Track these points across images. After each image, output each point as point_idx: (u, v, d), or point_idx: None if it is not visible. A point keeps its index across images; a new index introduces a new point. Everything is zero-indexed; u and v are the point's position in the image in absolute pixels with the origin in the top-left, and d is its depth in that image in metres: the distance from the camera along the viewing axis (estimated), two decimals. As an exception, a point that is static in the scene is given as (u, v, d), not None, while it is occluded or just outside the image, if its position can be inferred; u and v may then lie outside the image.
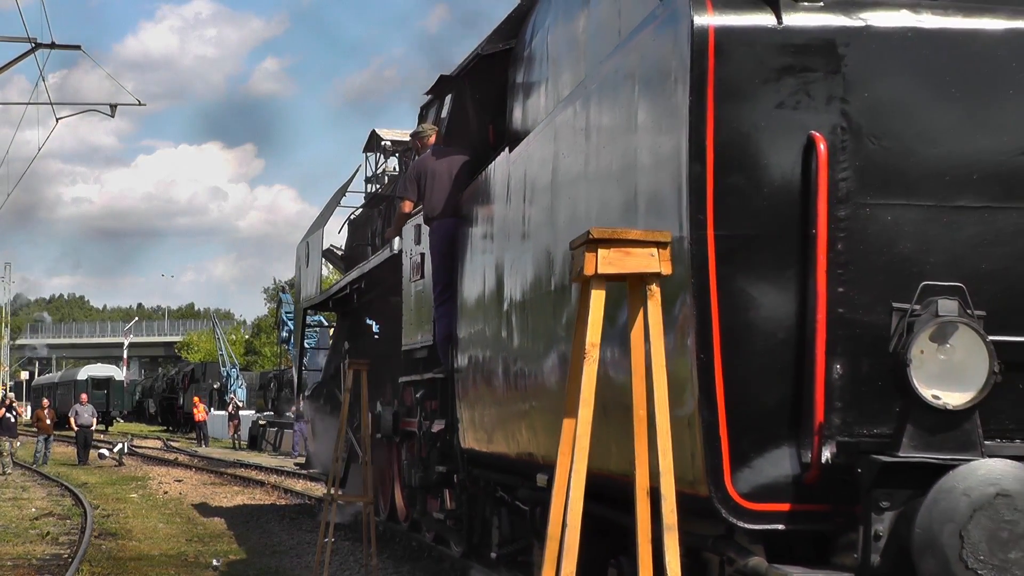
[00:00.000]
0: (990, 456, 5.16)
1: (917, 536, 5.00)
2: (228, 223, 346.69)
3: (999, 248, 5.60)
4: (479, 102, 11.18)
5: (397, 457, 15.26)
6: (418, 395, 12.78)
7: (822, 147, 5.51)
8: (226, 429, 58.26)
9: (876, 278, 5.54)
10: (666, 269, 5.37)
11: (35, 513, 22.49)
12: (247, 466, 36.70)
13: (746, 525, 5.52)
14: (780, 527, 5.53)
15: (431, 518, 13.25)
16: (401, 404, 14.35)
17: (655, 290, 5.41)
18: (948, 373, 5.20)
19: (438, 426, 11.55)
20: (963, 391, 5.20)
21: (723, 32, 5.54)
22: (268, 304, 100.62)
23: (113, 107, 35.75)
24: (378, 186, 20.32)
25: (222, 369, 72.63)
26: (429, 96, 13.29)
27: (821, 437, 5.47)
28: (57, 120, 35.08)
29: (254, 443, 51.40)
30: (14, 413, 37.43)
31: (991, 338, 5.27)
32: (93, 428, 40.68)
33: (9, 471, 34.26)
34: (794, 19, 5.60)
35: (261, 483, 29.68)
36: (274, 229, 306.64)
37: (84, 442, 39.64)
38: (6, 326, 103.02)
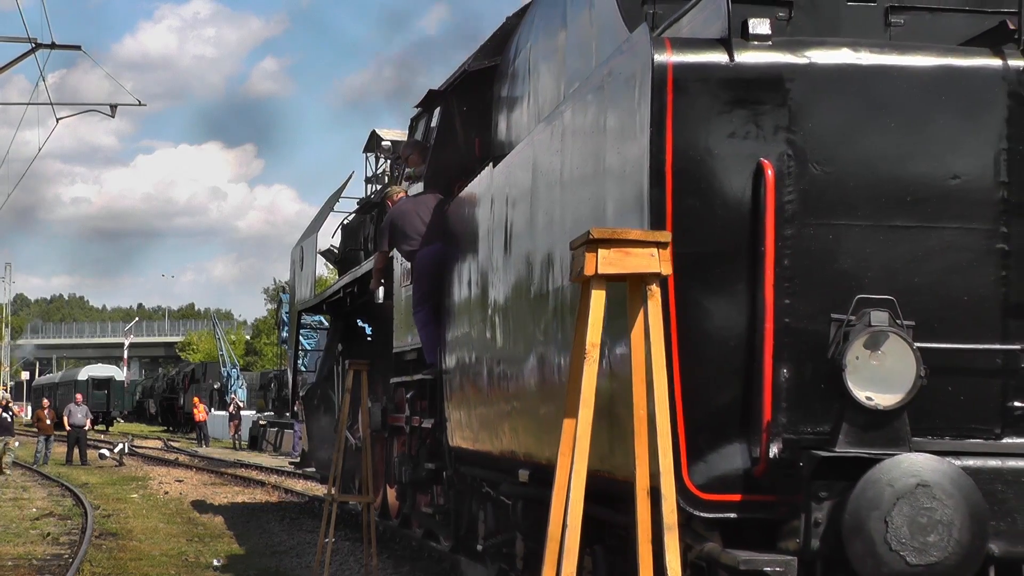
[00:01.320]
0: (917, 451, 5.83)
1: (847, 522, 5.68)
2: (228, 223, 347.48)
3: (929, 264, 6.25)
4: (466, 115, 11.79)
5: (388, 456, 15.81)
6: (408, 395, 13.34)
7: (770, 172, 6.16)
8: (227, 429, 58.59)
9: (818, 291, 6.18)
10: (666, 269, 5.65)
11: (35, 513, 22.73)
12: (247, 466, 37.03)
13: (702, 514, 6.16)
14: (732, 516, 6.15)
15: (421, 513, 13.79)
16: (390, 401, 14.90)
17: (655, 290, 5.67)
18: (880, 377, 5.87)
19: (427, 425, 12.18)
20: (893, 393, 5.87)
21: (680, 68, 6.18)
22: (268, 305, 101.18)
23: (113, 107, 36.10)
24: (378, 186, 20.89)
25: (222, 369, 73.00)
26: (419, 109, 13.91)
27: (769, 434, 6.10)
28: (57, 120, 35.54)
29: (254, 443, 51.70)
30: (10, 413, 37.79)
31: (919, 345, 5.94)
32: (87, 428, 41.02)
33: (8, 471, 34.64)
34: (745, 57, 6.24)
35: (261, 483, 29.99)
36: (273, 229, 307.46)
37: (75, 441, 40.05)
38: (6, 326, 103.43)
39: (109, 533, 19.33)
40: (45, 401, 46.33)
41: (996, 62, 6.33)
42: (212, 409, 64.34)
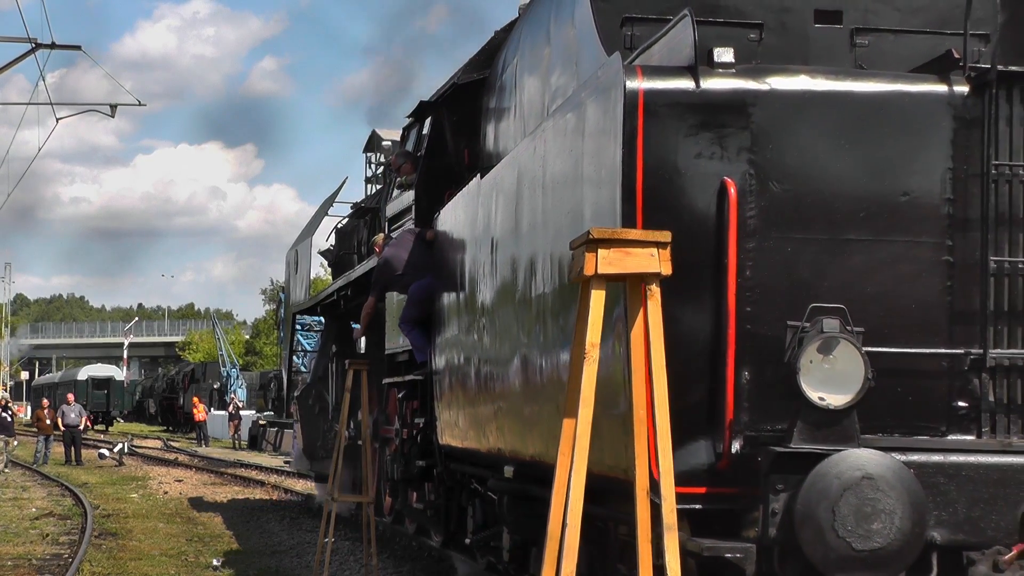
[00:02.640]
0: (865, 447, 6.45)
1: (798, 511, 6.29)
2: (227, 223, 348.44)
3: (880, 275, 6.85)
4: (456, 125, 12.36)
5: (381, 457, 16.36)
6: (400, 395, 13.91)
7: (732, 191, 6.76)
8: (226, 429, 58.97)
9: (776, 300, 6.77)
10: (666, 269, 5.84)
11: (35, 513, 22.94)
12: (247, 466, 37.31)
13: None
14: (698, 506, 6.75)
15: (412, 509, 14.36)
16: (381, 412, 15.46)
17: (655, 290, 5.87)
18: (831, 379, 6.49)
19: (418, 424, 12.80)
20: (843, 394, 6.49)
21: (650, 94, 6.77)
22: (267, 305, 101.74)
23: (113, 107, 36.32)
24: (378, 186, 21.50)
25: (222, 369, 73.52)
26: (410, 119, 14.52)
27: (731, 432, 6.70)
28: (57, 120, 35.81)
29: (254, 443, 52.03)
30: (9, 412, 38.09)
31: (870, 350, 6.56)
32: (81, 428, 41.31)
33: (7, 470, 35.01)
34: (710, 83, 6.83)
35: (261, 483, 30.21)
36: (273, 229, 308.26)
37: (71, 441, 40.38)
38: (6, 326, 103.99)
39: (109, 533, 19.54)
40: (45, 401, 46.74)
41: (942, 88, 6.94)
42: (212, 409, 64.83)
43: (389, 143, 20.49)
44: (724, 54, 6.87)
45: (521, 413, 8.71)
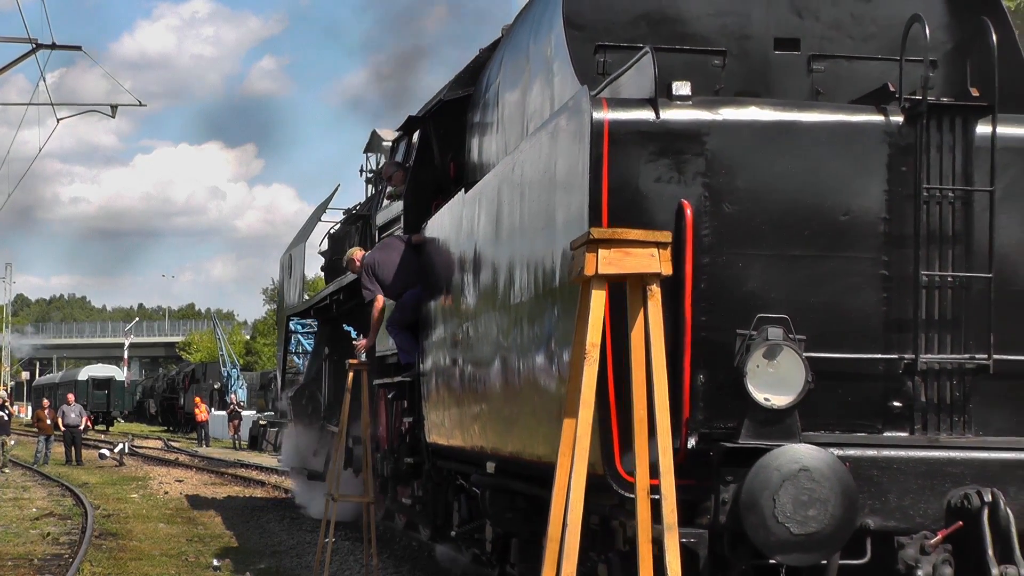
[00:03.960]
0: (805, 443, 7.29)
1: (743, 500, 7.13)
2: (227, 223, 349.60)
3: (822, 287, 7.68)
4: (442, 139, 13.09)
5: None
6: (390, 395, 14.60)
7: (689, 211, 7.56)
8: (227, 429, 59.73)
9: (728, 310, 7.57)
10: (666, 269, 6.11)
11: (36, 513, 23.31)
12: (247, 466, 37.84)
13: (632, 495, 7.60)
14: (657, 497, 7.59)
15: (402, 505, 15.00)
16: (372, 412, 16.13)
17: (655, 290, 6.11)
18: (775, 382, 7.32)
19: (407, 423, 13.63)
20: (786, 395, 7.32)
21: (615, 124, 7.59)
22: (267, 305, 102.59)
23: (114, 107, 36.99)
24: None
25: (223, 369, 74.26)
26: (400, 132, 15.33)
27: (688, 429, 7.50)
28: (58, 120, 36.39)
29: (254, 443, 52.68)
30: (7, 412, 38.77)
31: (812, 355, 7.40)
32: (81, 428, 41.91)
33: (7, 470, 35.70)
34: (669, 114, 7.65)
35: (261, 483, 30.83)
36: (272, 229, 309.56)
37: (72, 441, 41.03)
38: (7, 326, 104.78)
39: (109, 533, 19.83)
40: (45, 401, 47.36)
41: (879, 118, 7.79)
42: (212, 409, 65.51)
43: (390, 143, 21.25)
44: (682, 87, 7.69)
45: (501, 413, 9.53)
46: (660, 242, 6.33)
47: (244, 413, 58.67)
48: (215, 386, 71.96)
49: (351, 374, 14.10)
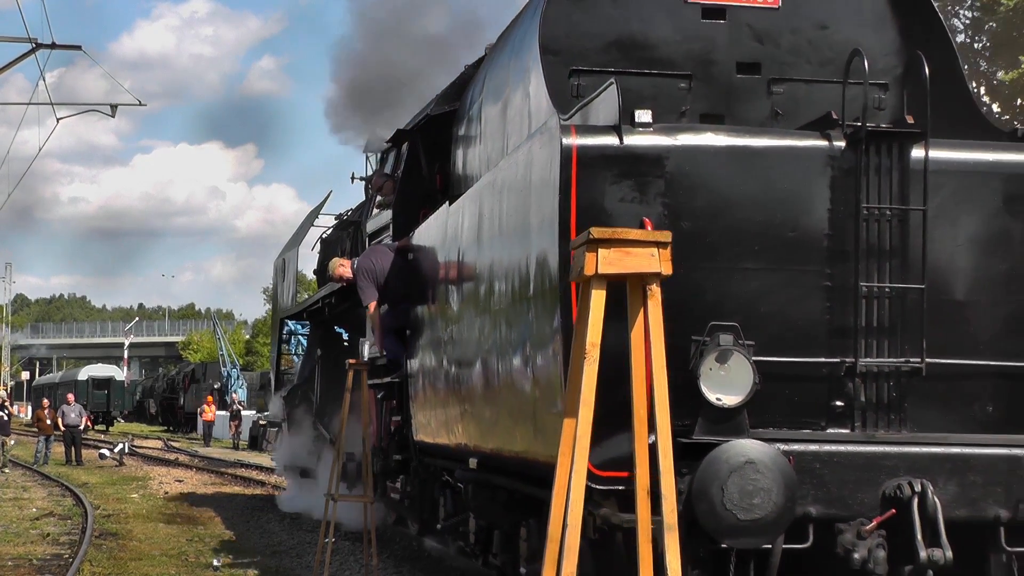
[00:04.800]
0: (753, 439, 8.19)
1: (695, 490, 8.02)
2: (227, 223, 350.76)
3: (771, 297, 8.56)
4: (429, 152, 13.91)
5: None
6: (379, 396, 15.27)
7: (650, 228, 8.47)
8: (227, 429, 60.34)
9: (685, 318, 8.42)
10: (666, 269, 6.35)
11: (36, 513, 23.57)
12: (247, 466, 38.38)
13: (599, 487, 8.36)
14: (621, 488, 8.38)
15: (391, 500, 15.61)
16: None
17: (655, 290, 6.34)
18: (726, 383, 8.23)
19: (395, 421, 14.42)
20: (736, 395, 8.23)
21: (582, 149, 8.44)
22: (267, 305, 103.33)
23: (114, 107, 37.66)
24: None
25: (223, 369, 75.00)
26: (389, 144, 16.11)
27: (649, 426, 8.46)
28: (58, 120, 37.16)
29: (255, 443, 53.13)
30: (6, 412, 39.24)
31: (761, 359, 8.31)
32: (81, 428, 42.36)
33: (7, 470, 36.23)
34: (632, 140, 8.50)
35: (262, 483, 31.25)
36: (272, 229, 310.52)
37: (72, 441, 41.50)
38: (7, 326, 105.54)
39: (109, 533, 19.98)
40: (45, 401, 47.68)
41: (823, 143, 8.71)
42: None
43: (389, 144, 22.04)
44: (643, 115, 8.57)
45: (482, 412, 10.40)
46: (660, 242, 6.69)
47: (244, 413, 59.32)
48: (215, 386, 72.59)
49: (351, 374, 14.49)
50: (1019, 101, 37.32)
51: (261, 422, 53.01)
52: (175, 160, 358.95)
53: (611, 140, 8.53)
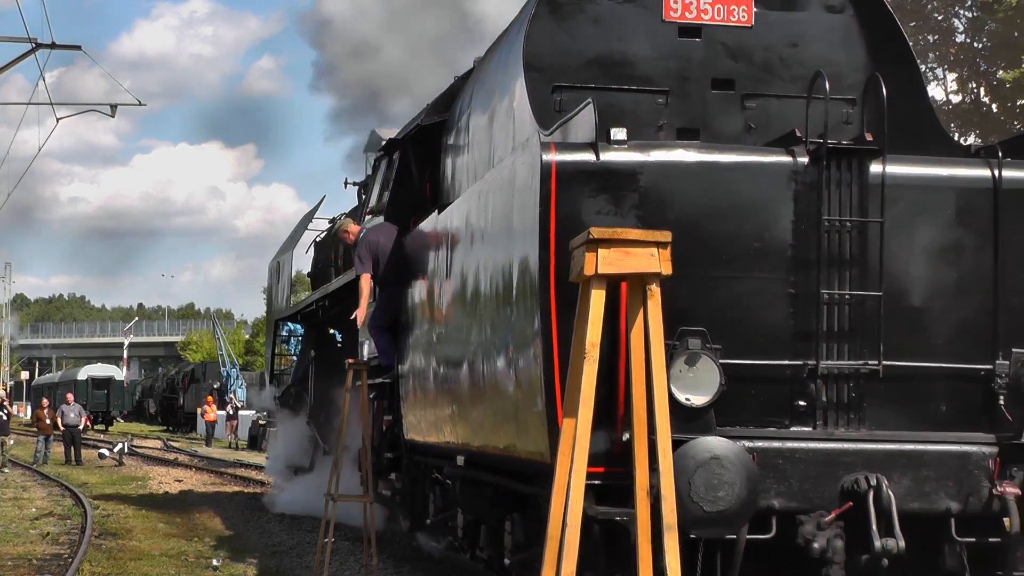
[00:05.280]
0: (719, 436, 8.85)
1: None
2: (227, 222, 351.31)
3: (738, 304, 9.17)
4: (420, 161, 14.50)
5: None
6: (371, 396, 15.69)
7: (629, 238, 9.15)
8: (224, 429, 61.16)
9: None
10: (666, 269, 6.75)
11: (35, 513, 23.87)
12: (247, 466, 38.58)
13: None
14: (598, 482, 8.96)
15: (382, 497, 15.97)
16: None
17: (655, 290, 6.69)
18: (694, 384, 8.88)
19: (387, 420, 14.93)
20: (703, 395, 8.87)
21: (561, 165, 9.05)
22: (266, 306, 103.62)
23: (114, 107, 38.20)
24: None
25: (222, 369, 75.62)
26: (381, 152, 16.69)
27: (623, 425, 8.90)
28: (57, 120, 37.70)
29: (254, 443, 53.59)
30: (5, 412, 39.77)
31: (728, 362, 8.96)
32: (80, 428, 42.89)
33: (6, 470, 36.75)
34: (607, 156, 9.11)
35: (261, 483, 31.20)
36: (272, 229, 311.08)
37: (71, 441, 42.07)
38: (6, 324, 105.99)
39: (109, 533, 20.24)
40: (45, 401, 48.27)
41: (787, 159, 9.37)
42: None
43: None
44: (619, 133, 9.20)
45: (469, 412, 11.04)
46: (660, 242, 6.92)
47: (243, 413, 59.83)
48: (215, 386, 73.06)
49: (351, 374, 14.83)
50: (1020, 101, 37.86)
51: (261, 422, 53.55)
52: (175, 160, 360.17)
53: (588, 156, 9.16)
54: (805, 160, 9.38)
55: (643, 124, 10.80)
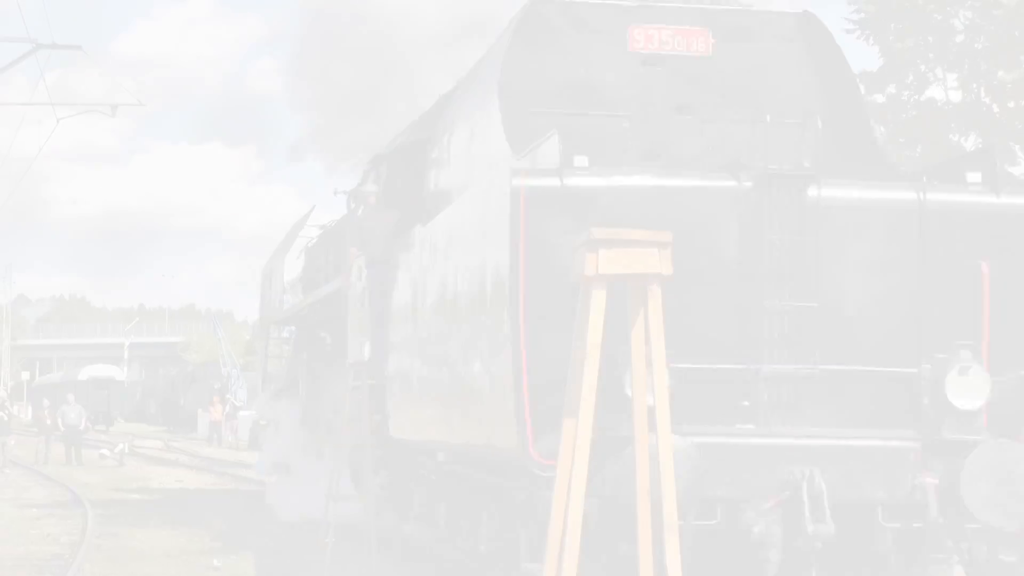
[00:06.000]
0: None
1: (619, 475, 9.81)
2: (227, 223, 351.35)
3: (690, 313, 10.26)
4: (405, 174, 15.58)
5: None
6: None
7: (588, 255, 10.32)
8: (226, 430, 61.85)
9: (614, 330, 10.24)
10: (667, 269, 7.02)
11: (36, 513, 24.34)
12: (248, 466, 37.78)
13: (542, 473, 10.05)
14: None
15: (376, 493, 16.47)
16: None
17: (656, 291, 6.95)
18: (647, 386, 10.09)
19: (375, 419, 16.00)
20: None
21: (529, 189, 10.16)
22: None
23: (114, 107, 38.16)
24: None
25: (223, 369, 76.57)
26: (369, 165, 17.56)
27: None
28: (57, 120, 37.68)
29: (254, 443, 54.99)
30: (6, 412, 40.68)
31: (674, 365, 9.90)
32: (81, 428, 43.68)
33: (6, 470, 37.53)
34: (571, 180, 10.23)
35: (262, 483, 30.71)
36: (272, 229, 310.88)
37: (71, 441, 42.93)
38: (6, 323, 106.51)
39: (109, 533, 20.57)
40: (45, 401, 49.20)
41: (732, 183, 10.54)
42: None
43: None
44: (581, 160, 10.36)
45: (448, 412, 12.18)
46: (661, 242, 7.39)
47: (243, 413, 60.59)
48: (215, 386, 73.84)
49: (351, 374, 15.53)
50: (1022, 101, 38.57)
51: (261, 422, 54.18)
52: (175, 160, 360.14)
53: (553, 181, 10.30)
54: (749, 184, 10.50)
55: (609, 148, 11.87)
